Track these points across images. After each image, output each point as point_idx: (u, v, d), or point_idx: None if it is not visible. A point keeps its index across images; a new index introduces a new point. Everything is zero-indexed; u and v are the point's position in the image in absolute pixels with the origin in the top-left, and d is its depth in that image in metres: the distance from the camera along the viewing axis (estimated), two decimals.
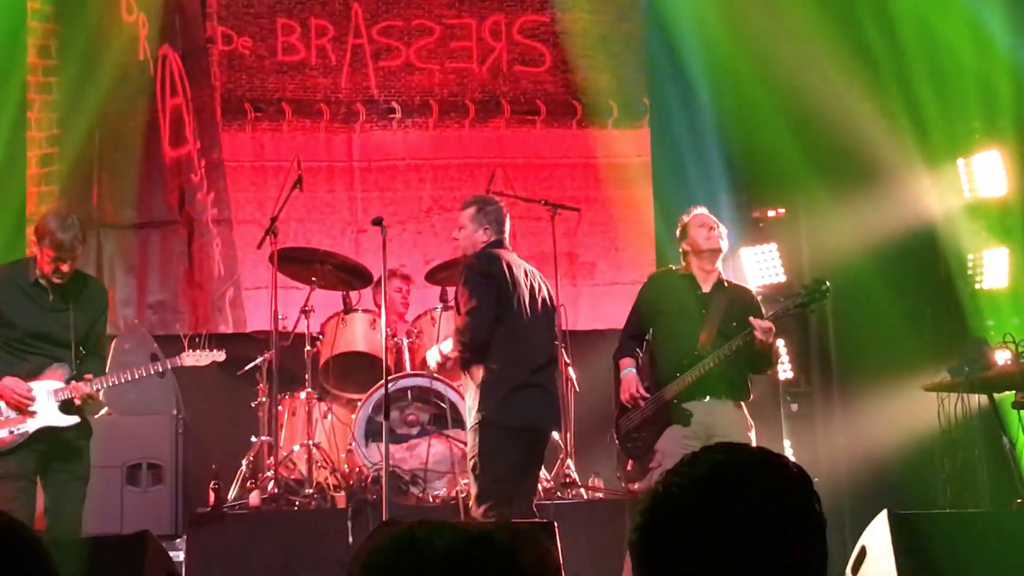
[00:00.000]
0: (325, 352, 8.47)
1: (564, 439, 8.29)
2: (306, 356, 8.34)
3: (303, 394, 8.27)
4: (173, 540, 7.75)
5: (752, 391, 6.73)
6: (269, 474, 7.91)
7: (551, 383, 6.84)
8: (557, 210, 8.64)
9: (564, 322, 8.51)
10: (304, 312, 8.38)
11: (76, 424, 6.37)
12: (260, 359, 8.41)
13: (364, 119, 10.17)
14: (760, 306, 6.79)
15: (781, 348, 9.01)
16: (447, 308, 8.23)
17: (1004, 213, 8.93)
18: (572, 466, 8.20)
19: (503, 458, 6.48)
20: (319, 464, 8.09)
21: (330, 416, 8.39)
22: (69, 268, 6.30)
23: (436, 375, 7.97)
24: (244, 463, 8.25)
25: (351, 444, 8.09)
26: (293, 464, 8.19)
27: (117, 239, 9.94)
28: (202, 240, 9.99)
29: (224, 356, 6.94)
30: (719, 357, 6.40)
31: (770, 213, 9.74)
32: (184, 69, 10.12)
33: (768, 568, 1.82)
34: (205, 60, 10.12)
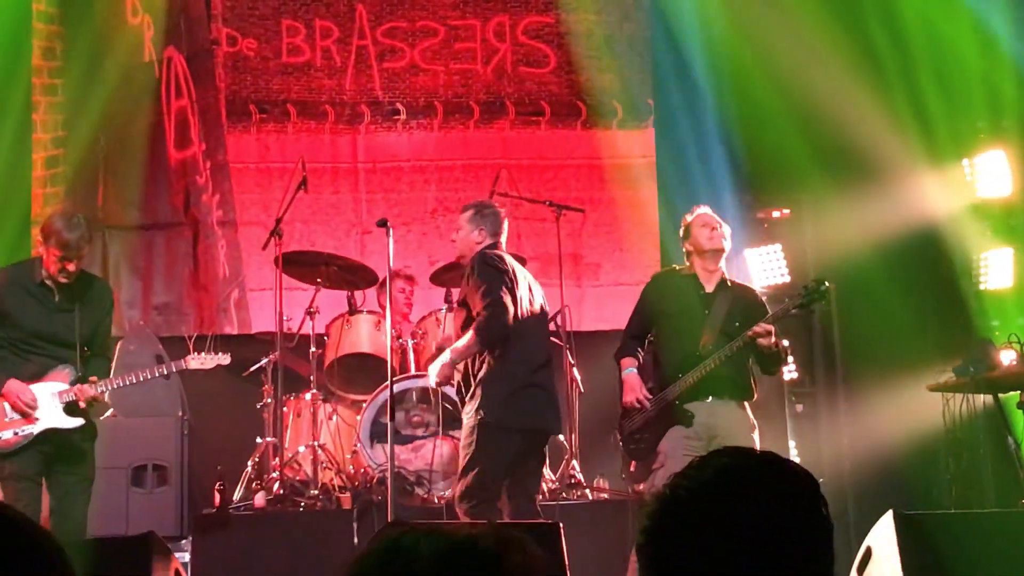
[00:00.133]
0: (330, 353, 8.47)
1: (569, 440, 8.29)
2: (311, 357, 8.35)
3: (308, 395, 8.28)
4: (178, 541, 7.76)
5: (756, 391, 6.73)
6: (274, 475, 7.91)
7: (552, 383, 6.85)
8: (562, 211, 8.67)
9: (569, 323, 8.53)
10: (309, 313, 8.39)
11: (81, 426, 6.37)
12: (265, 360, 8.41)
13: (369, 120, 10.18)
14: (764, 305, 6.79)
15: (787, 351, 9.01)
16: (451, 309, 8.23)
17: (1009, 213, 8.93)
18: (577, 467, 8.20)
19: (500, 459, 6.51)
20: (324, 465, 8.09)
21: (335, 417, 8.39)
22: (75, 268, 6.30)
23: None
24: (249, 464, 8.25)
25: (356, 445, 8.09)
26: (298, 465, 8.20)
27: (122, 241, 9.95)
28: (207, 242, 10.00)
29: (229, 359, 6.94)
30: (721, 357, 6.40)
31: (775, 213, 9.74)
32: (189, 71, 10.12)
33: (775, 571, 1.82)
34: (210, 62, 10.12)
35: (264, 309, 9.54)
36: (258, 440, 8.32)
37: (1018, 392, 7.82)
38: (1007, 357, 7.87)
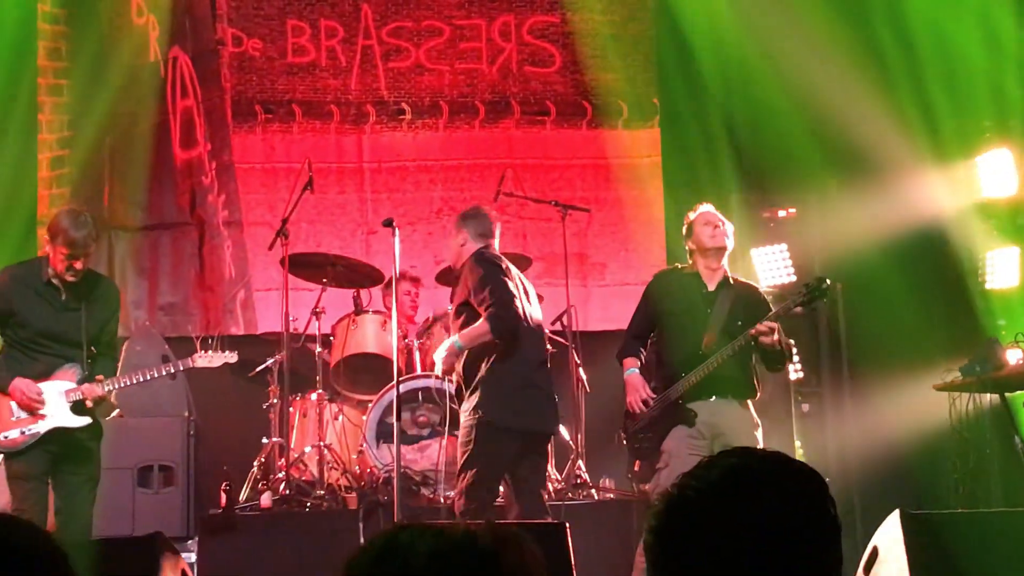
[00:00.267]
0: (336, 353, 8.47)
1: (575, 440, 8.30)
2: (317, 358, 8.35)
3: (314, 395, 8.29)
4: (185, 542, 7.77)
5: (760, 389, 6.72)
6: (281, 475, 7.92)
7: (549, 384, 6.88)
8: (567, 211, 8.66)
9: (574, 323, 8.53)
10: (315, 313, 8.39)
11: (87, 425, 6.36)
12: (271, 361, 8.41)
13: (374, 120, 10.18)
14: (767, 303, 6.77)
15: (792, 348, 9.00)
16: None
17: (1014, 212, 8.91)
18: (583, 467, 8.20)
19: (498, 459, 6.55)
20: (330, 465, 8.09)
21: (341, 417, 8.39)
22: (82, 266, 6.28)
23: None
24: (256, 465, 8.27)
25: (362, 445, 8.10)
26: (304, 465, 8.20)
27: (128, 241, 9.96)
28: (213, 242, 10.00)
29: (236, 357, 6.92)
30: (723, 356, 6.39)
31: (781, 213, 9.72)
32: (194, 71, 10.13)
33: (783, 572, 1.82)
34: (215, 62, 10.13)
35: (270, 309, 9.55)
36: (264, 440, 8.33)
37: None
38: (1014, 356, 7.86)
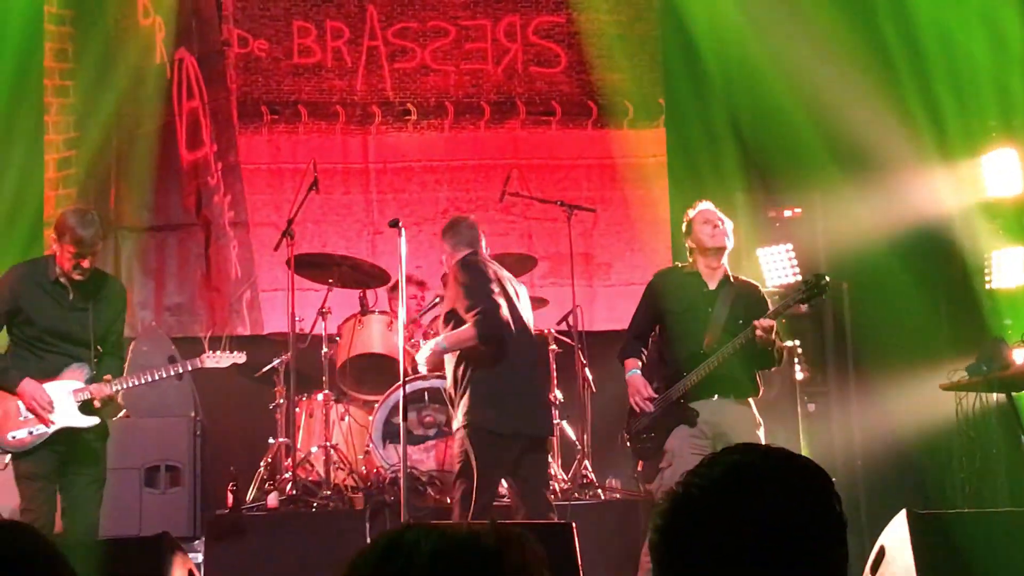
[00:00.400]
0: (342, 354, 8.48)
1: (581, 439, 8.30)
2: (323, 358, 8.36)
3: (320, 396, 8.29)
4: (191, 542, 7.78)
5: (761, 386, 6.71)
6: (287, 476, 7.92)
7: (539, 387, 6.90)
8: (573, 211, 8.66)
9: (580, 323, 8.53)
10: (321, 314, 8.39)
11: (94, 426, 6.36)
12: (277, 361, 8.42)
13: (380, 121, 10.19)
14: (767, 301, 6.77)
15: (798, 348, 8.99)
16: None
17: (1020, 212, 8.90)
18: (589, 467, 8.20)
19: (492, 466, 6.60)
20: (337, 466, 8.09)
21: (347, 418, 8.39)
22: (89, 264, 6.28)
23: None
24: (262, 465, 8.27)
25: (368, 446, 8.10)
26: (311, 466, 8.20)
27: (134, 242, 9.97)
28: (219, 243, 10.02)
29: (244, 358, 6.92)
30: (724, 355, 6.38)
31: (786, 212, 9.70)
32: (200, 72, 10.14)
33: (789, 569, 1.82)
34: (221, 63, 10.14)
35: (276, 310, 9.56)
36: (271, 441, 8.34)
37: None
38: (1020, 356, 7.84)
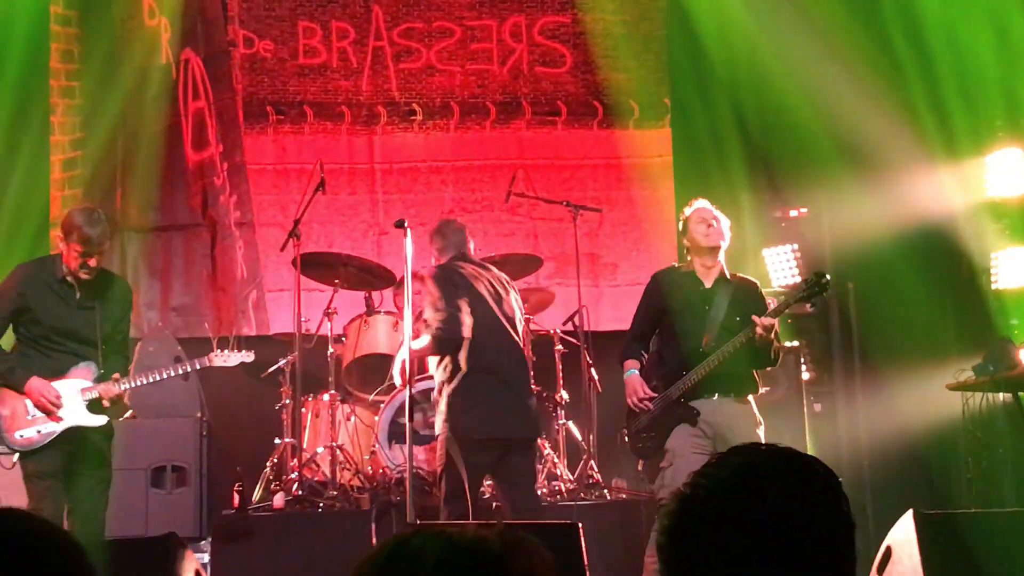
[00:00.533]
0: (348, 354, 8.48)
1: (587, 440, 8.30)
2: (329, 358, 8.36)
3: (326, 396, 8.29)
4: (198, 542, 7.78)
5: (761, 384, 6.71)
6: (293, 476, 7.92)
7: (519, 389, 6.89)
8: (579, 211, 8.66)
9: (586, 323, 8.53)
10: (327, 314, 8.40)
11: (100, 426, 6.37)
12: (283, 361, 8.42)
13: (385, 121, 10.19)
14: (764, 298, 6.77)
15: (804, 348, 8.98)
16: None
17: None
18: (595, 467, 8.20)
19: (468, 470, 6.67)
20: (343, 466, 8.10)
21: (353, 418, 8.39)
22: (96, 263, 6.28)
23: None
24: (268, 465, 8.27)
25: (374, 446, 8.11)
26: (317, 466, 8.20)
27: (140, 242, 9.98)
28: (225, 243, 10.02)
29: (253, 356, 6.91)
30: (724, 354, 6.37)
31: (792, 212, 9.70)
32: (206, 72, 10.15)
33: (796, 570, 1.82)
34: (227, 63, 10.15)
35: (282, 310, 9.57)
36: (276, 441, 8.34)
37: None
38: None
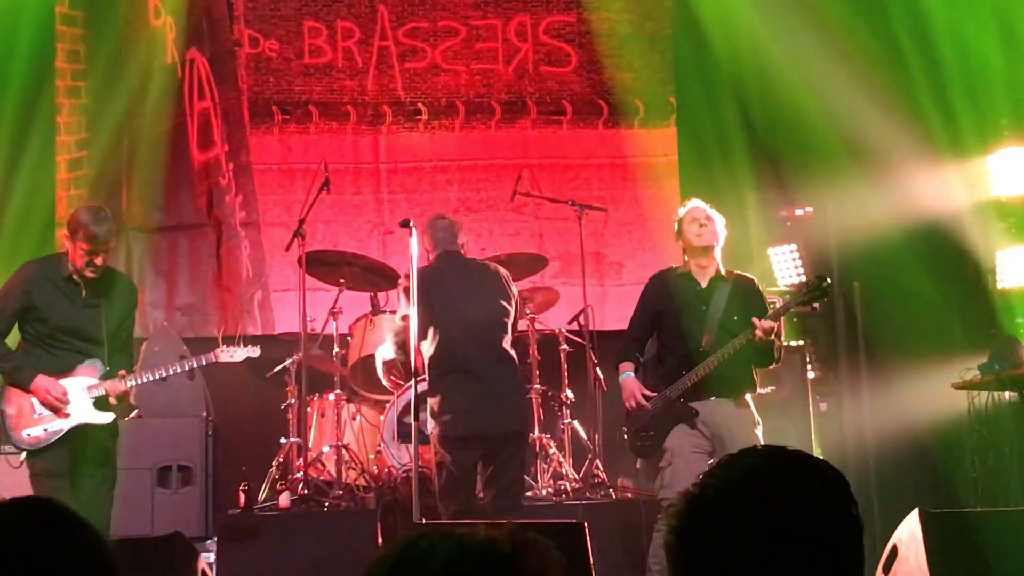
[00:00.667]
0: (353, 354, 8.48)
1: (592, 439, 8.30)
2: (335, 358, 8.37)
3: (332, 395, 8.30)
4: (203, 542, 7.78)
5: (759, 383, 6.71)
6: (299, 475, 7.92)
7: (499, 384, 6.89)
8: (584, 210, 8.66)
9: (591, 322, 8.53)
10: (332, 314, 8.40)
11: (105, 425, 6.38)
12: (289, 361, 8.43)
13: (391, 121, 10.19)
14: (762, 295, 6.77)
15: (809, 347, 8.98)
16: None
17: None
18: (600, 466, 8.20)
19: (458, 467, 6.76)
20: (348, 465, 8.10)
21: (359, 417, 8.40)
22: (102, 261, 6.30)
23: None
24: (274, 465, 8.27)
25: (380, 445, 8.11)
26: (323, 465, 8.21)
27: (146, 242, 9.98)
28: (230, 243, 10.02)
29: (259, 352, 6.93)
30: (724, 356, 6.37)
31: (798, 211, 9.69)
32: (211, 72, 10.15)
33: (804, 571, 1.82)
34: (232, 63, 10.15)
35: (287, 310, 9.57)
36: (282, 440, 8.34)
37: None
38: None
